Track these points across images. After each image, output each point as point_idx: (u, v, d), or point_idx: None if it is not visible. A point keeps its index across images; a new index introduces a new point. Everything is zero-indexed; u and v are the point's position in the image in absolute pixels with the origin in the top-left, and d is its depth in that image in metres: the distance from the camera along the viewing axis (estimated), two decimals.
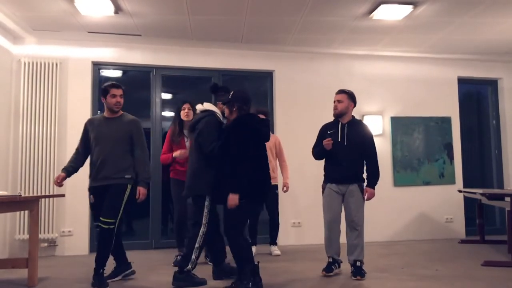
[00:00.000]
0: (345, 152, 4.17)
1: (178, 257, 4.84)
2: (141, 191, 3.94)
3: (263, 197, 3.74)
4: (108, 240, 3.81)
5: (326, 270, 4.16)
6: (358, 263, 4.09)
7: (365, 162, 4.27)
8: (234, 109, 3.72)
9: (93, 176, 3.93)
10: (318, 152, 4.33)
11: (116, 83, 4.05)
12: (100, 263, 3.82)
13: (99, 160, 3.89)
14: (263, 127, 3.75)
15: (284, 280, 4.03)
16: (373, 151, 4.28)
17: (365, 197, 4.22)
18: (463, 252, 5.49)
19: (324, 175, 4.37)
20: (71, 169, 4.02)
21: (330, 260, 4.21)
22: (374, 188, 4.22)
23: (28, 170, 5.51)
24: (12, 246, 5.45)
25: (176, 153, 4.76)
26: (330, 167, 4.31)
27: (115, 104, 3.97)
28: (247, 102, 3.74)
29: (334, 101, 4.31)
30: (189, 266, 3.75)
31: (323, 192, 4.33)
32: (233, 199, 3.46)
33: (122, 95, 4.01)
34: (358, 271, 4.06)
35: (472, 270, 4.37)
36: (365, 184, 4.25)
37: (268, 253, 5.41)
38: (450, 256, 5.22)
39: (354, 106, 4.34)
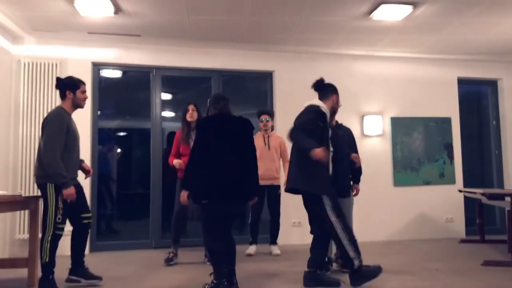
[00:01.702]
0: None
1: (171, 254, 4.88)
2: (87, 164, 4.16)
3: (224, 199, 3.57)
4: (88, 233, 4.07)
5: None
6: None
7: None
8: (209, 112, 3.84)
9: (75, 174, 3.84)
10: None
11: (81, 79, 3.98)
12: (82, 257, 3.94)
13: (77, 158, 3.91)
14: (229, 125, 3.70)
15: (284, 280, 4.02)
16: (356, 150, 4.62)
17: (354, 194, 4.57)
18: (463, 251, 5.49)
19: None
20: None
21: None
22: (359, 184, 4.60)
23: (28, 170, 5.50)
24: (12, 245, 5.45)
25: (175, 162, 4.82)
26: None
27: (84, 100, 3.93)
28: (211, 103, 3.82)
29: None
30: (357, 263, 3.65)
31: None
32: (182, 195, 3.63)
33: None
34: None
35: (472, 269, 4.38)
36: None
37: (268, 252, 5.42)
38: (450, 255, 5.22)
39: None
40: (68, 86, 3.85)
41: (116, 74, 6.44)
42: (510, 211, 4.74)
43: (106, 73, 6.30)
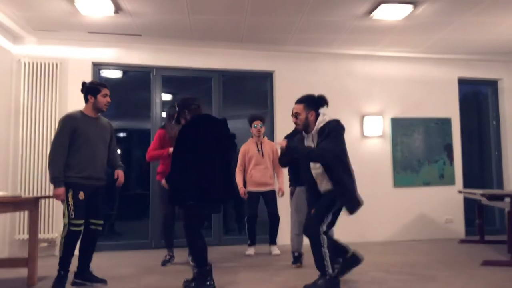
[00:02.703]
0: None
1: (167, 256, 4.88)
2: (122, 174, 4.11)
3: (209, 201, 3.68)
4: (96, 240, 4.01)
5: (296, 262, 4.66)
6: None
7: None
8: (185, 116, 3.83)
9: (87, 174, 3.80)
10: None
11: (104, 83, 4.09)
12: (88, 262, 3.93)
13: (94, 160, 3.85)
14: (213, 127, 3.75)
15: (283, 279, 4.03)
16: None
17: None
18: (463, 252, 5.49)
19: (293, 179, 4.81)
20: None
21: (296, 254, 4.68)
22: None
23: (28, 170, 5.51)
24: (12, 245, 5.45)
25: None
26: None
27: (106, 104, 3.96)
28: (183, 107, 3.85)
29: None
30: None
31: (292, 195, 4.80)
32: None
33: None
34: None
35: (472, 269, 4.38)
36: None
37: (267, 252, 5.42)
38: (450, 256, 5.22)
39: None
40: (89, 90, 3.93)
41: (116, 74, 6.43)
42: (509, 212, 4.74)
43: (106, 73, 6.29)
